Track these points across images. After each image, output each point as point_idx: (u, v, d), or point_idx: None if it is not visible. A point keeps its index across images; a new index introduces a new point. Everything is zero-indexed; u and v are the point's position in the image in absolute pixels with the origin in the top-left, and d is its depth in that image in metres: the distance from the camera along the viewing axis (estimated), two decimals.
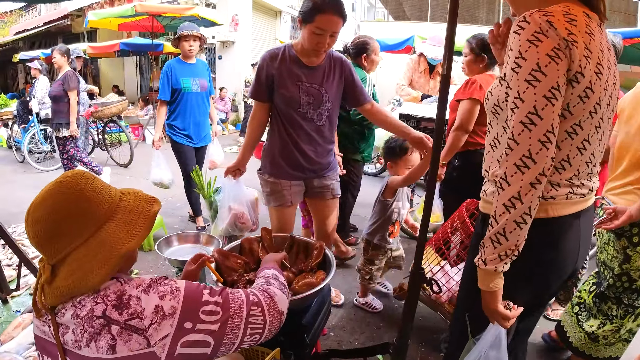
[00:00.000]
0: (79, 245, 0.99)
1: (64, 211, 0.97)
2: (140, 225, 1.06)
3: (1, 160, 7.95)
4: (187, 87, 4.03)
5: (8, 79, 19.84)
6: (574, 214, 1.24)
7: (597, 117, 1.17)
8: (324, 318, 1.92)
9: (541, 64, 1.05)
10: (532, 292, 1.34)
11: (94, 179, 1.06)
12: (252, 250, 2.00)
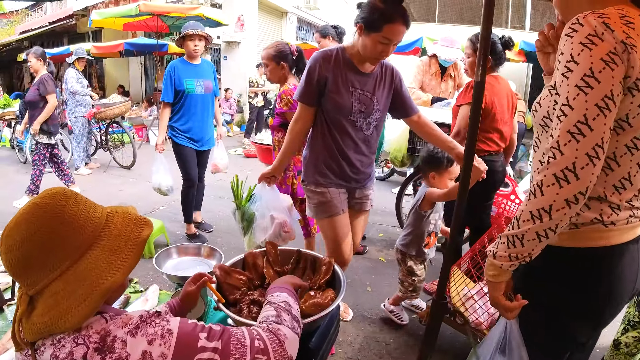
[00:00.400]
0: (56, 277, 0.87)
1: (39, 239, 0.86)
2: (127, 253, 0.93)
3: (4, 160, 7.88)
4: (190, 89, 3.87)
5: (13, 79, 19.86)
6: (634, 239, 1.12)
7: None
8: (332, 339, 1.79)
9: (595, 69, 0.94)
10: (589, 326, 1.21)
11: (76, 198, 0.94)
12: (256, 265, 1.88)
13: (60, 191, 0.93)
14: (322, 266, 1.83)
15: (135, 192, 6.00)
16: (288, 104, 2.95)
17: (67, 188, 0.95)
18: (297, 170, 3.10)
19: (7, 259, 0.87)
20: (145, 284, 2.90)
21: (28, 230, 0.86)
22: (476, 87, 0.95)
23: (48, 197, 0.90)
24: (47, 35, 15.92)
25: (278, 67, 3.07)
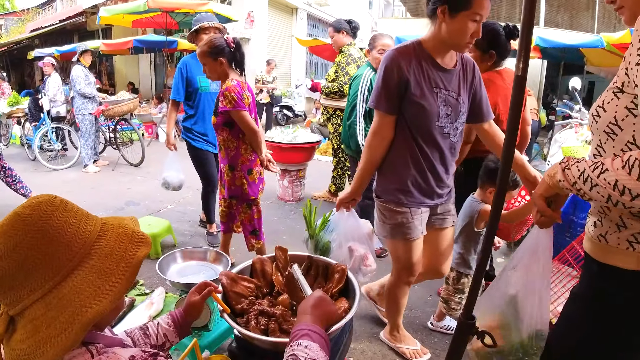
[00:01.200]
0: (37, 299, 0.78)
1: (18, 256, 0.76)
2: (118, 276, 0.82)
3: (14, 157, 7.88)
4: (204, 87, 3.62)
5: (25, 76, 20.02)
6: None
7: None
8: (344, 351, 1.70)
9: None
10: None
11: (65, 209, 0.84)
12: (264, 272, 1.79)
13: (47, 200, 0.82)
14: (335, 274, 1.73)
15: (143, 190, 5.94)
16: (232, 102, 2.72)
17: (56, 196, 0.85)
18: (247, 170, 2.93)
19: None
20: (151, 286, 2.83)
21: (6, 245, 0.76)
22: (517, 82, 0.84)
23: (32, 207, 0.79)
24: (57, 33, 15.98)
25: (216, 63, 2.81)
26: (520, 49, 0.82)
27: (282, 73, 14.48)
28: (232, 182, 2.95)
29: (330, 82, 4.63)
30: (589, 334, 1.09)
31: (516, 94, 0.84)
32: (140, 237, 0.90)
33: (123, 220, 0.94)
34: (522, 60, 0.83)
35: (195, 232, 4.35)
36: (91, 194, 5.82)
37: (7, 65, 18.82)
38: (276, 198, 5.44)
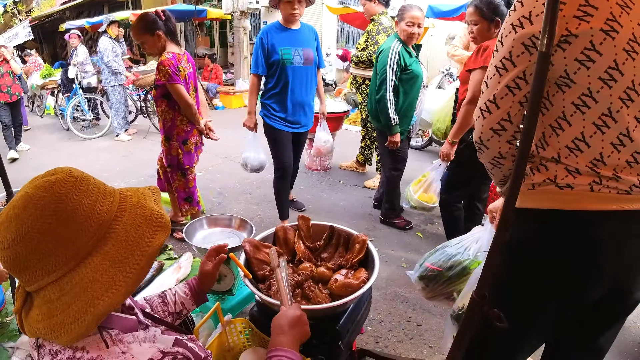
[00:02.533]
0: (51, 282, 0.75)
1: (31, 241, 0.72)
2: (133, 266, 0.77)
3: (49, 127, 8.15)
4: (287, 59, 3.17)
5: (57, 48, 20.43)
6: (606, 212, 1.02)
7: (619, 85, 0.96)
8: (361, 320, 1.73)
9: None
10: (554, 302, 1.12)
11: (80, 188, 0.77)
12: (287, 240, 1.82)
13: (60, 179, 0.76)
14: (356, 244, 1.75)
15: None
16: (166, 75, 2.80)
17: (71, 171, 0.79)
18: (182, 140, 3.12)
19: (0, 256, 0.76)
20: (180, 251, 2.93)
21: (18, 230, 0.72)
22: (539, 59, 0.79)
23: (44, 189, 0.74)
24: (87, 5, 16.17)
25: (154, 37, 2.86)
26: (545, 22, 0.78)
27: None
28: (169, 152, 3.15)
29: (360, 51, 4.55)
30: (503, 278, 1.14)
31: (539, 71, 0.80)
32: (159, 221, 0.83)
33: (143, 196, 0.88)
34: (546, 35, 0.79)
35: (222, 200, 4.43)
36: (123, 161, 5.99)
37: (40, 38, 19.23)
38: (304, 167, 5.46)
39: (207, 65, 11.34)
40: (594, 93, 0.98)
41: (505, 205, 0.94)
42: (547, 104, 1.07)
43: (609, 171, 1.01)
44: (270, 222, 3.77)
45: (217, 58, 13.60)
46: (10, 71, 6.15)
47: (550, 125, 1.07)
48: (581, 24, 0.95)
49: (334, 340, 1.49)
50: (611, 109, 0.99)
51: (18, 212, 0.73)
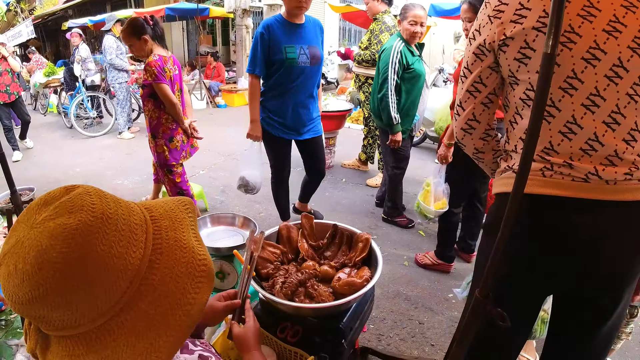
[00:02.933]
0: (74, 335, 0.63)
1: (50, 302, 0.58)
2: (174, 328, 0.65)
3: (52, 125, 8.17)
4: (292, 59, 2.81)
5: (60, 47, 20.47)
6: (559, 198, 1.05)
7: (559, 75, 1.02)
8: (364, 318, 1.74)
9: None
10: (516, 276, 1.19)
11: (108, 230, 0.60)
12: (290, 238, 1.83)
13: (84, 223, 0.58)
14: (359, 243, 1.76)
15: None
16: (152, 75, 2.93)
17: (94, 206, 0.61)
18: (168, 137, 3.20)
19: (12, 305, 0.61)
20: None
21: (33, 292, 0.57)
22: (545, 61, 0.79)
23: (63, 240, 0.57)
24: (90, 3, 16.16)
25: (140, 41, 3.01)
26: (550, 23, 0.78)
27: None
28: (155, 150, 3.25)
29: (362, 50, 4.55)
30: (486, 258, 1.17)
31: (544, 73, 0.79)
32: (202, 269, 0.69)
33: (179, 225, 0.72)
34: (552, 37, 0.78)
35: (224, 198, 4.44)
36: (125, 159, 6.00)
37: (43, 36, 19.26)
38: None
39: (210, 64, 11.35)
40: (535, 86, 1.02)
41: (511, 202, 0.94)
42: (507, 102, 1.20)
43: (561, 158, 1.06)
44: (273, 220, 3.78)
45: (220, 56, 13.61)
46: (9, 69, 5.95)
47: (509, 121, 1.20)
48: (516, 26, 1.06)
49: (337, 339, 1.50)
50: (553, 99, 1.04)
51: (31, 270, 0.56)
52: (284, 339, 1.53)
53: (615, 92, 1.01)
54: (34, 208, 0.62)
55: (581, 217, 1.06)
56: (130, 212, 0.66)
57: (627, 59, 1.00)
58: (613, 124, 1.02)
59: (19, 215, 0.64)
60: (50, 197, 0.63)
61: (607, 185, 1.03)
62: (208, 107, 10.14)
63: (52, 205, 0.61)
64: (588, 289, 1.17)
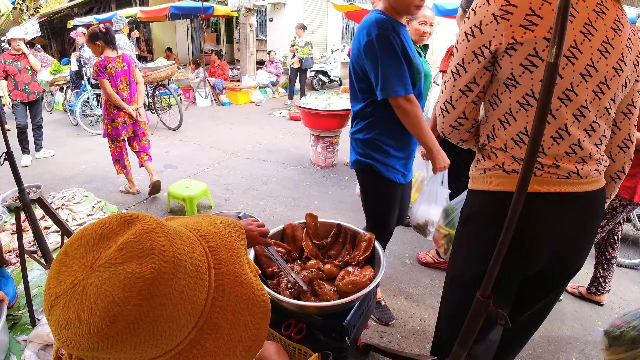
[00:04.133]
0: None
1: (115, 351, 0.55)
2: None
3: (57, 123, 8.22)
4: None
5: (65, 44, 20.55)
6: (542, 193, 1.18)
7: (559, 87, 1.12)
8: (367, 316, 1.78)
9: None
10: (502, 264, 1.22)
11: (180, 269, 0.58)
12: (295, 237, 1.87)
13: (159, 272, 0.55)
14: (362, 242, 1.79)
15: (181, 153, 6.13)
16: (95, 72, 4.00)
17: (164, 250, 0.57)
18: (110, 119, 4.17)
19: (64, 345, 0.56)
20: None
21: (101, 344, 0.53)
22: (548, 70, 0.82)
23: (139, 293, 0.53)
24: (95, 2, 16.26)
25: (95, 45, 3.97)
26: (554, 33, 0.80)
27: (318, 38, 14.29)
28: (104, 127, 4.29)
29: None
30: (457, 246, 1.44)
31: (547, 81, 0.82)
32: (261, 305, 0.68)
33: (237, 257, 0.69)
34: (555, 46, 0.81)
35: (229, 196, 4.48)
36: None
37: (48, 34, 19.31)
38: (309, 163, 5.53)
39: (214, 62, 11.38)
40: (536, 94, 1.11)
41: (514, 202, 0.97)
42: (497, 100, 1.23)
43: (549, 160, 1.18)
44: (277, 218, 3.82)
45: (224, 54, 13.65)
46: (29, 67, 5.63)
47: (499, 120, 1.23)
48: (526, 32, 1.08)
49: (340, 336, 1.54)
50: (551, 107, 1.12)
51: (100, 323, 0.52)
52: (289, 336, 1.56)
53: (598, 105, 1.16)
54: (89, 243, 0.57)
55: (562, 207, 1.21)
56: (193, 247, 0.63)
57: (610, 78, 1.14)
58: (591, 131, 1.19)
59: (67, 247, 0.58)
60: (106, 230, 0.58)
61: (581, 179, 1.20)
62: (212, 105, 10.19)
63: (112, 241, 0.57)
64: (557, 268, 1.32)
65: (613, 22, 1.13)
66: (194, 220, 0.73)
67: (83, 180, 5.05)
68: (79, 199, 4.34)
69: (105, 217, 0.60)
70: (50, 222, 3.66)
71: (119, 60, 4.04)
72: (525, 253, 1.24)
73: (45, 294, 0.56)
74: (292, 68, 9.97)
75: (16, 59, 5.57)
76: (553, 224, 1.21)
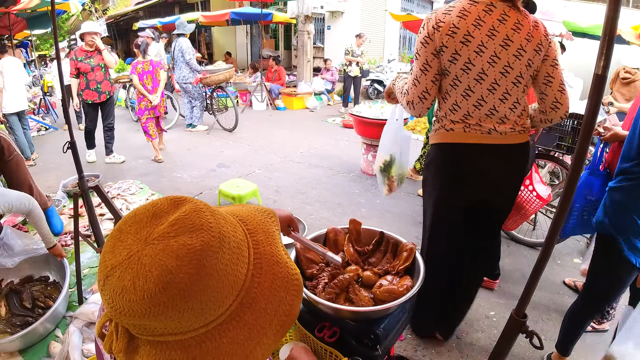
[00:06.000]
0: (172, 341, 0.64)
1: (164, 318, 0.59)
2: (271, 337, 0.69)
3: (119, 118, 8.69)
4: None
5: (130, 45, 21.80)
6: (471, 144, 1.85)
7: (472, 73, 1.77)
8: (402, 327, 1.76)
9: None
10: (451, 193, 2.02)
11: (224, 244, 0.63)
12: (337, 242, 1.89)
13: (207, 245, 0.60)
14: (404, 252, 1.78)
15: (235, 154, 6.34)
16: (131, 69, 5.92)
17: (212, 226, 0.63)
18: (138, 102, 6.00)
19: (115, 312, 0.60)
20: None
21: (153, 309, 0.58)
22: (595, 81, 0.81)
23: (189, 262, 0.58)
24: (160, 5, 17.08)
25: (136, 51, 5.92)
26: (601, 46, 0.79)
27: (375, 47, 14.30)
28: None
29: None
30: (423, 183, 2.19)
31: (594, 92, 0.81)
32: (295, 284, 0.72)
33: (273, 240, 0.75)
34: (603, 58, 0.80)
35: (277, 199, 4.58)
36: (186, 154, 6.32)
37: (115, 35, 20.52)
38: (360, 171, 5.54)
39: (271, 67, 11.66)
40: (459, 78, 1.79)
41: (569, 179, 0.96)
42: (440, 85, 1.87)
43: (474, 121, 1.82)
44: (322, 223, 3.86)
45: (281, 60, 13.93)
46: (103, 64, 5.39)
47: (442, 97, 1.89)
48: (449, 39, 1.74)
49: (372, 344, 1.54)
50: (470, 86, 1.79)
51: (154, 289, 0.57)
52: (322, 339, 1.58)
53: (506, 81, 1.77)
54: (142, 220, 0.63)
55: (486, 155, 1.85)
56: (234, 227, 0.68)
57: (512, 62, 1.76)
58: (503, 100, 1.79)
59: (120, 225, 0.64)
60: (157, 209, 0.64)
61: (500, 135, 1.82)
62: (268, 109, 10.43)
63: (164, 219, 0.62)
64: (488, 202, 2.00)
65: (513, 24, 1.74)
66: (232, 207, 0.79)
67: (139, 173, 5.34)
68: (134, 191, 4.60)
69: (157, 199, 0.66)
70: (106, 210, 3.90)
71: (147, 64, 5.84)
72: (464, 185, 1.95)
73: (101, 267, 0.62)
74: (348, 76, 10.02)
75: (89, 56, 5.30)
76: (480, 165, 1.87)
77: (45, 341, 2.34)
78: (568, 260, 3.37)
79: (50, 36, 20.54)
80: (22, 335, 2.19)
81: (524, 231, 3.69)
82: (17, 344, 2.24)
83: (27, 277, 2.72)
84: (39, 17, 8.88)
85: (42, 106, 9.18)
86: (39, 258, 2.67)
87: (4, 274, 2.68)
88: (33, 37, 13.95)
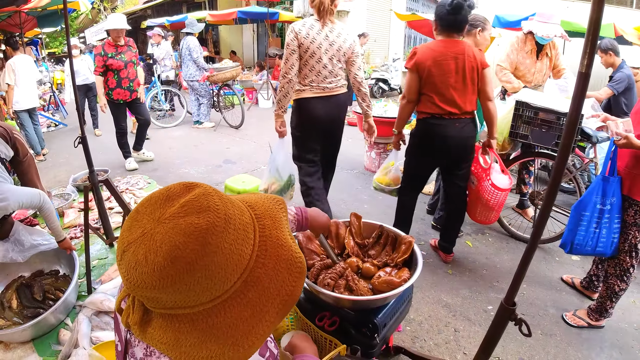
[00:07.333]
0: (181, 314, 0.71)
1: (174, 291, 0.65)
2: (272, 315, 0.74)
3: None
4: None
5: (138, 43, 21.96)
6: (313, 97, 3.12)
7: (313, 59, 2.94)
8: (399, 318, 1.83)
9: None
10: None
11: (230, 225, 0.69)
12: (338, 234, 1.95)
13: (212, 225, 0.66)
14: (402, 245, 1.85)
15: (240, 150, 6.41)
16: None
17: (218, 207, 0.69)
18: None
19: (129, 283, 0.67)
20: None
21: (162, 282, 0.64)
22: (580, 79, 0.87)
23: (195, 238, 0.65)
24: (168, 4, 17.20)
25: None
26: (585, 45, 0.85)
27: (380, 46, 14.32)
28: None
29: None
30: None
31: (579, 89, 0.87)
32: (298, 266, 0.77)
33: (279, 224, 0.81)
34: (587, 57, 0.86)
35: (294, 202, 4.63)
36: (193, 150, 6.40)
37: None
38: (363, 168, 5.61)
39: (278, 65, 11.73)
40: (308, 60, 3.00)
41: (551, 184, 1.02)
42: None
43: (315, 84, 3.03)
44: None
45: None
46: (135, 60, 5.05)
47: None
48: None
49: (371, 333, 1.60)
50: (313, 65, 2.99)
51: (163, 262, 0.63)
52: (322, 327, 1.65)
53: (332, 65, 3.02)
54: (156, 202, 0.70)
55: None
56: (242, 211, 0.74)
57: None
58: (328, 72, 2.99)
59: (138, 207, 0.71)
60: (171, 193, 0.71)
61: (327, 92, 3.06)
62: (273, 106, 10.48)
63: (176, 202, 0.69)
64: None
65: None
66: (244, 195, 0.87)
67: (147, 168, 5.42)
68: (142, 185, 4.68)
69: (172, 184, 0.74)
70: (115, 204, 3.98)
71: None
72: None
73: (119, 243, 0.70)
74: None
75: (119, 51, 4.82)
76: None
77: (55, 330, 2.41)
78: (566, 257, 3.42)
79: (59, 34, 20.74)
80: (34, 325, 2.25)
81: (523, 228, 3.74)
82: (28, 333, 2.30)
83: (38, 271, 2.80)
84: (49, 16, 8.99)
85: (52, 103, 9.31)
86: (49, 252, 2.73)
87: (15, 268, 2.75)
88: (43, 35, 14.09)
